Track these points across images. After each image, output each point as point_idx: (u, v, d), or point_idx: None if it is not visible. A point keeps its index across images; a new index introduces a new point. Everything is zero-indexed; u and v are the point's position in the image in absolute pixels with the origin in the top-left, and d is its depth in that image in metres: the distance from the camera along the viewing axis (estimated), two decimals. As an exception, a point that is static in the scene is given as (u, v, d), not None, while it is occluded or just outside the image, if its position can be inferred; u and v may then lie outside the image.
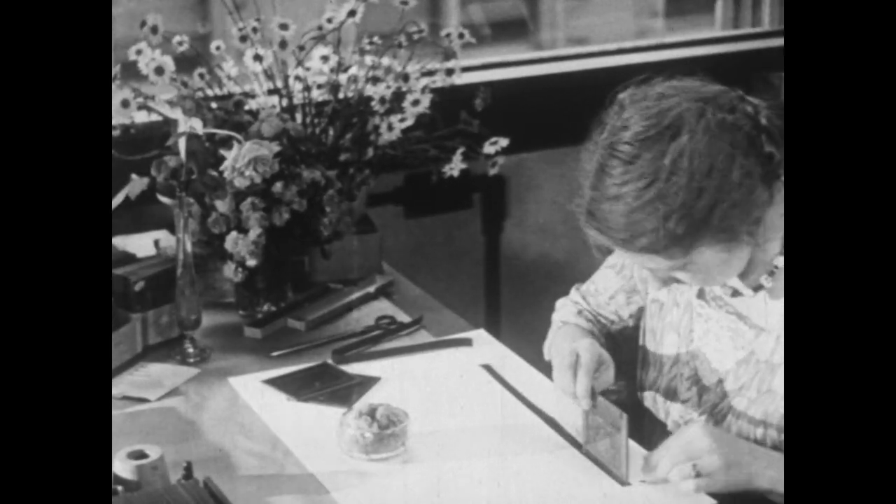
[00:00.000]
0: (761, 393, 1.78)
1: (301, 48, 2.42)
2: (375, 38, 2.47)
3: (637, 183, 1.64)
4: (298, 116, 2.44)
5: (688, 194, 1.63)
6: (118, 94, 2.19)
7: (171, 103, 2.24)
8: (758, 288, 1.80)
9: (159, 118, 2.19)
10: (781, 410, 1.75)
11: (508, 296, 3.14)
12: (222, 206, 2.23)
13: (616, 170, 1.66)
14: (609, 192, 1.66)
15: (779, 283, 1.78)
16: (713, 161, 1.63)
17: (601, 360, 1.84)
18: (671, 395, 1.89)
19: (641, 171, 1.64)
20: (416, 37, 2.48)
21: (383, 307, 2.37)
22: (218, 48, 2.46)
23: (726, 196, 1.64)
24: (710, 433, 1.71)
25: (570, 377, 1.82)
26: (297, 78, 2.43)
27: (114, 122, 2.22)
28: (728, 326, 1.83)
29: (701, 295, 1.88)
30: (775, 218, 1.72)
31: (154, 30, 2.35)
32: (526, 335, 2.22)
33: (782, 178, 1.69)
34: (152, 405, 2.02)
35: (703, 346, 1.86)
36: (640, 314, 2.00)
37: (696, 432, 1.72)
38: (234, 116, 2.42)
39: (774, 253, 1.76)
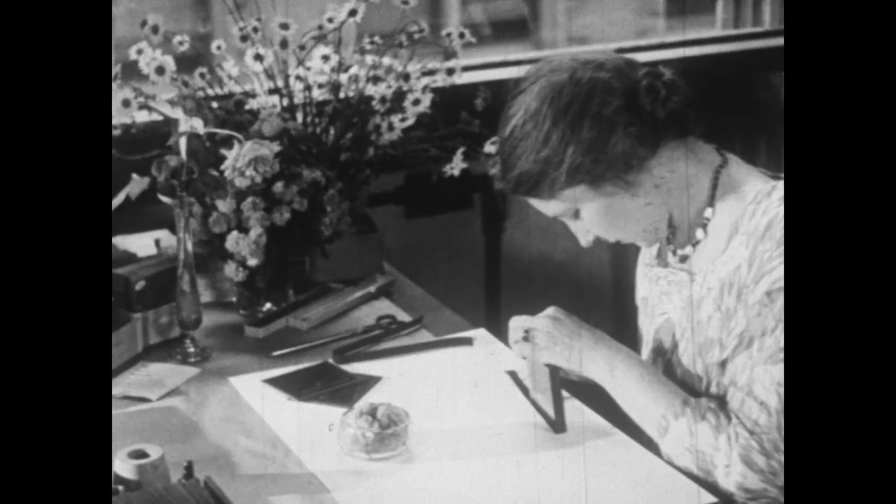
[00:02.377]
0: (694, 330, 1.84)
1: (302, 48, 2.42)
2: (376, 38, 2.47)
3: (505, 129, 1.84)
4: (299, 116, 2.44)
5: (536, 136, 1.80)
6: (119, 93, 2.19)
7: (171, 103, 2.24)
8: (696, 243, 1.88)
9: (160, 118, 2.19)
10: (712, 342, 1.81)
11: (509, 295, 3.14)
12: (223, 205, 2.23)
13: (502, 120, 1.86)
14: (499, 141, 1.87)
15: (710, 232, 1.86)
16: (561, 106, 1.79)
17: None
18: None
19: (508, 117, 1.84)
20: (416, 36, 2.47)
21: (384, 307, 2.37)
22: (218, 48, 2.46)
23: (577, 138, 1.78)
24: (560, 312, 1.90)
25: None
26: (298, 77, 2.43)
27: (114, 121, 2.22)
28: (674, 281, 1.91)
29: (662, 266, 1.96)
30: (675, 174, 1.84)
31: (155, 29, 2.35)
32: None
33: (691, 139, 1.83)
34: (153, 405, 2.02)
35: (663, 313, 1.92)
36: None
37: (549, 309, 1.91)
38: (234, 116, 2.41)
39: (700, 207, 1.86)
